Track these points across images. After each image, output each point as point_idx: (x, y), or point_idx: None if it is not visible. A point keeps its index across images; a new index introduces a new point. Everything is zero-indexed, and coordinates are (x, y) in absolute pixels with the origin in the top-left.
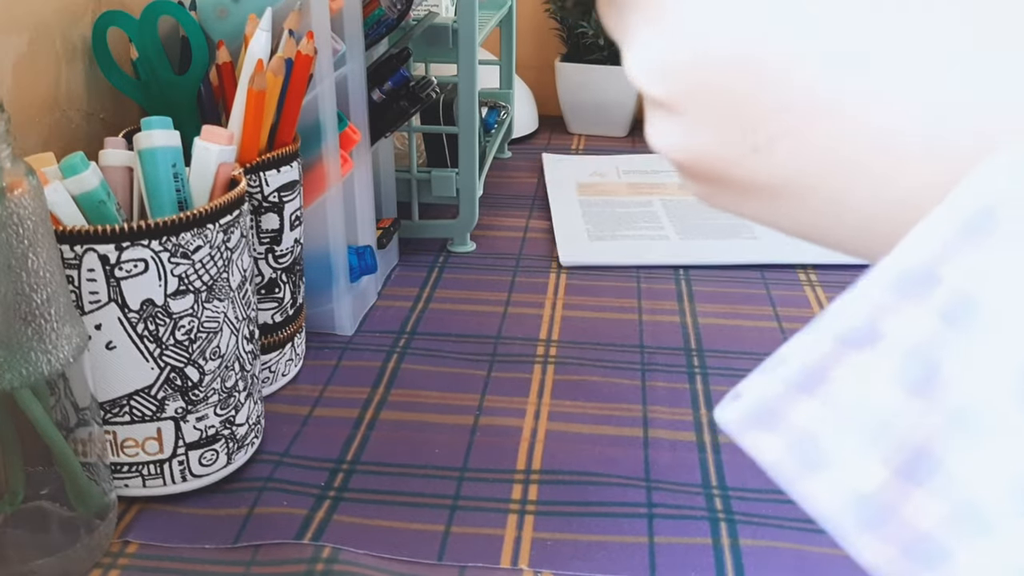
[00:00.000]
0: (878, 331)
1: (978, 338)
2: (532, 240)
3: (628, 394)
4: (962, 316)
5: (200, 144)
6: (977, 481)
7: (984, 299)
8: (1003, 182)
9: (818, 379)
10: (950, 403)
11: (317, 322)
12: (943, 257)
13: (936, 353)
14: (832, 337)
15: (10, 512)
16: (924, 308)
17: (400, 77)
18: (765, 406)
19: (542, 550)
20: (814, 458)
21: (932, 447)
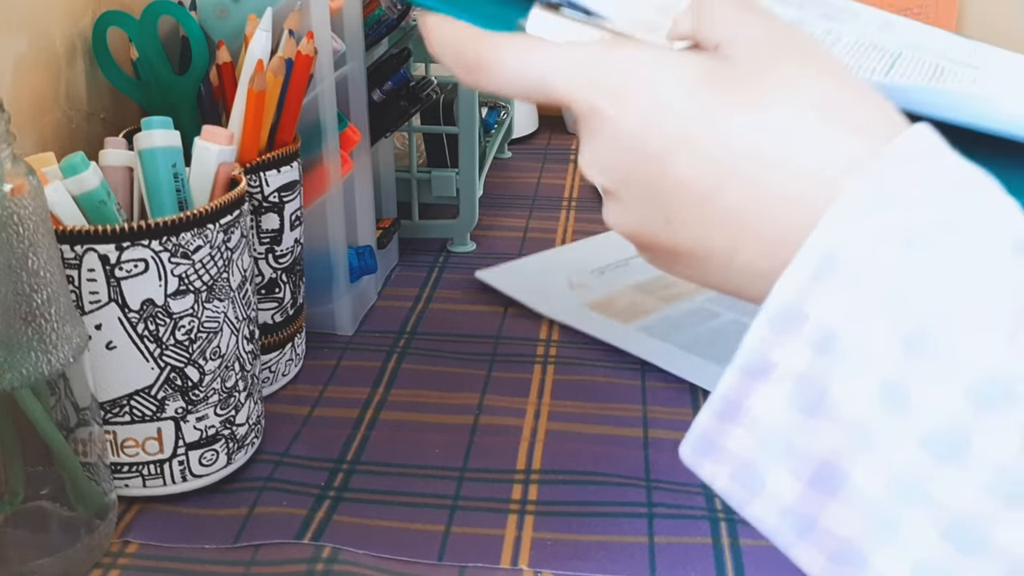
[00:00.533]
0: (770, 362)
1: (843, 362)
2: (532, 240)
3: (628, 394)
4: (828, 345)
5: (200, 144)
6: (874, 487)
7: (840, 329)
8: (839, 229)
9: (737, 408)
10: (842, 419)
11: (317, 322)
12: (805, 296)
13: (819, 377)
14: (739, 370)
15: (10, 512)
16: (799, 341)
17: (400, 77)
18: (706, 438)
19: (542, 550)
20: (752, 482)
21: (837, 460)
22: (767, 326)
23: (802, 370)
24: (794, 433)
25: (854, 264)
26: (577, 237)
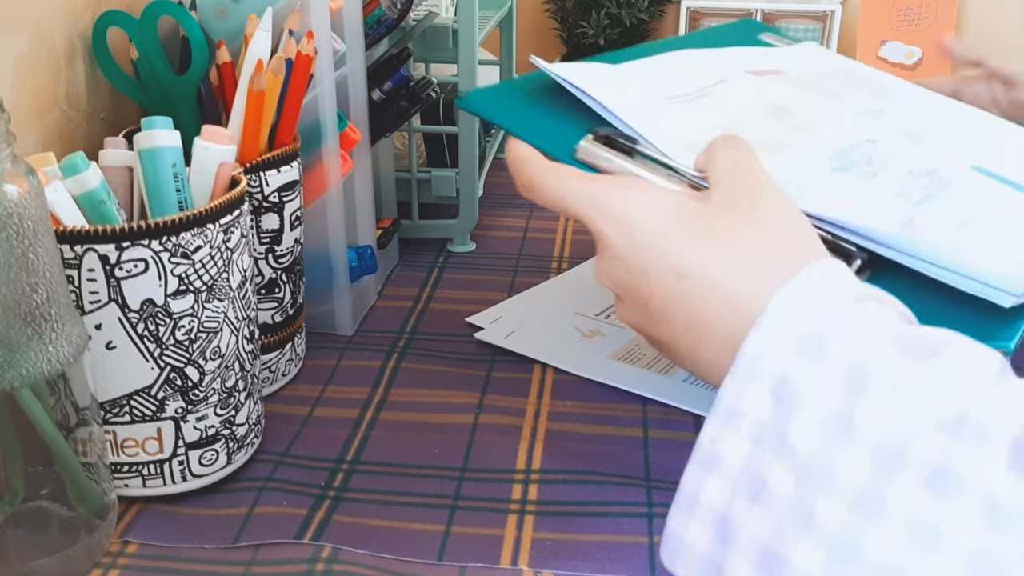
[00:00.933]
0: (719, 456)
1: (775, 450)
2: (532, 240)
3: (628, 394)
4: (761, 435)
5: (200, 144)
6: (813, 565)
7: (766, 420)
8: (756, 340)
9: (694, 503)
10: (775, 507)
11: (317, 322)
12: (741, 396)
13: (757, 468)
14: (696, 464)
15: (10, 512)
16: (738, 439)
17: (400, 77)
18: (677, 537)
19: (542, 550)
20: (715, 573)
21: (775, 546)
22: (716, 424)
23: (743, 461)
24: (740, 521)
25: (771, 365)
26: (577, 237)
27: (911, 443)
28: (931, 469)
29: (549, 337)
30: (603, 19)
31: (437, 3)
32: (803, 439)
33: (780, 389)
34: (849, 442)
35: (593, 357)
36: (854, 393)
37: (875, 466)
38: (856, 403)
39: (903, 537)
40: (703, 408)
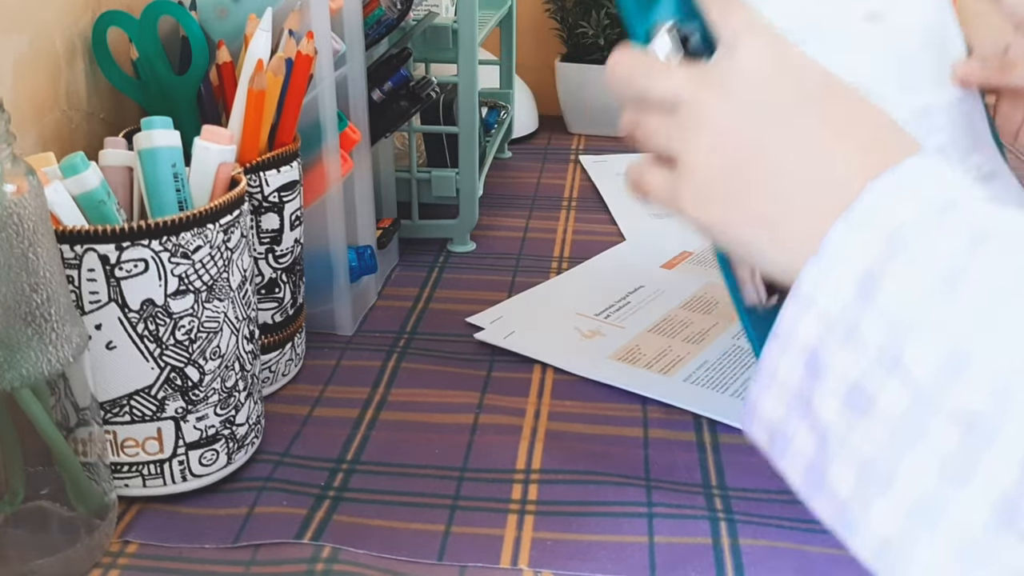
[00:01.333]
0: (815, 298)
1: (866, 315)
2: (532, 240)
3: (627, 394)
4: (864, 298)
5: (200, 144)
6: (898, 405)
7: (879, 273)
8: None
9: (790, 337)
10: (867, 348)
11: (317, 322)
12: (849, 248)
13: (854, 316)
14: (794, 302)
15: (10, 512)
16: (841, 284)
17: (400, 77)
18: (769, 372)
19: (542, 550)
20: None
21: (864, 383)
22: (816, 270)
23: (840, 306)
24: (832, 357)
25: (890, 219)
26: (577, 237)
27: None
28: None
29: (549, 337)
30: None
31: (437, 3)
32: (902, 289)
33: (892, 236)
34: (953, 298)
35: (593, 357)
36: (966, 252)
37: (976, 323)
38: (967, 261)
39: (987, 386)
40: (703, 408)
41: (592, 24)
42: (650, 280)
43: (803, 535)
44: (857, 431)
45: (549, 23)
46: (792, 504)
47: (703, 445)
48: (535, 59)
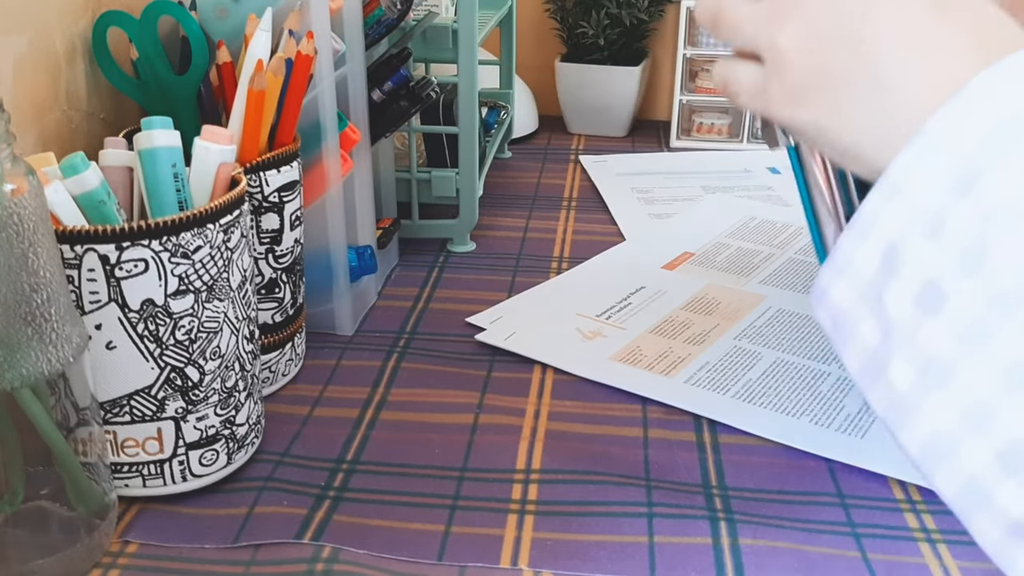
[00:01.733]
0: (901, 187)
1: (957, 209)
2: (532, 240)
3: (627, 394)
4: (966, 185)
5: (200, 144)
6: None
7: (981, 168)
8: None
9: (870, 226)
10: (949, 244)
11: (317, 322)
12: (945, 136)
13: (941, 207)
14: (878, 193)
15: (10, 512)
16: (931, 174)
17: (400, 77)
18: (845, 258)
19: (542, 550)
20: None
21: (940, 281)
22: (910, 156)
23: (926, 199)
24: (911, 252)
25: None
26: (577, 237)
27: None
28: None
29: (550, 338)
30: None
31: (437, 3)
32: (1001, 188)
33: (996, 130)
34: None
35: (594, 358)
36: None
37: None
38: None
39: None
40: (703, 408)
41: (592, 24)
42: (651, 281)
43: (803, 535)
44: (924, 330)
45: (549, 23)
46: (792, 504)
47: (703, 445)
48: (535, 59)
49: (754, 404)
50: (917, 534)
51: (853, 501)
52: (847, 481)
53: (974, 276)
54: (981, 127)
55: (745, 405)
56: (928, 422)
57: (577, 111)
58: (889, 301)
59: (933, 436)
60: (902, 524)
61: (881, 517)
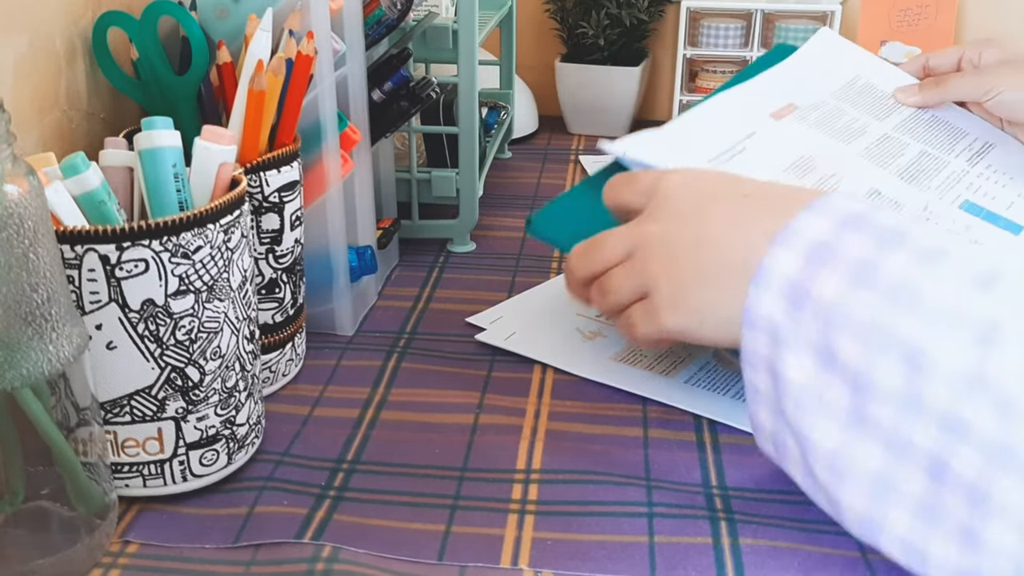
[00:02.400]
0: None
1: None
2: (532, 240)
3: (627, 394)
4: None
5: (200, 144)
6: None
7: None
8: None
9: (780, 409)
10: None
11: (317, 322)
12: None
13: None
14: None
15: (10, 512)
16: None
17: (400, 77)
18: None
19: (542, 550)
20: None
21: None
22: (756, 293)
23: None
24: (782, 365)
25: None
26: None
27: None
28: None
29: (551, 338)
30: (603, 19)
31: (437, 3)
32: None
33: (814, 250)
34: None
35: (594, 358)
36: (875, 249)
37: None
38: (876, 257)
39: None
40: (703, 409)
41: (592, 24)
42: None
43: (803, 535)
44: (817, 430)
45: (549, 23)
46: (792, 504)
47: (703, 445)
48: (535, 59)
49: None
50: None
51: None
52: None
53: (832, 370)
54: (794, 261)
55: (745, 405)
56: (850, 502)
57: (577, 111)
58: (786, 413)
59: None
60: None
61: None
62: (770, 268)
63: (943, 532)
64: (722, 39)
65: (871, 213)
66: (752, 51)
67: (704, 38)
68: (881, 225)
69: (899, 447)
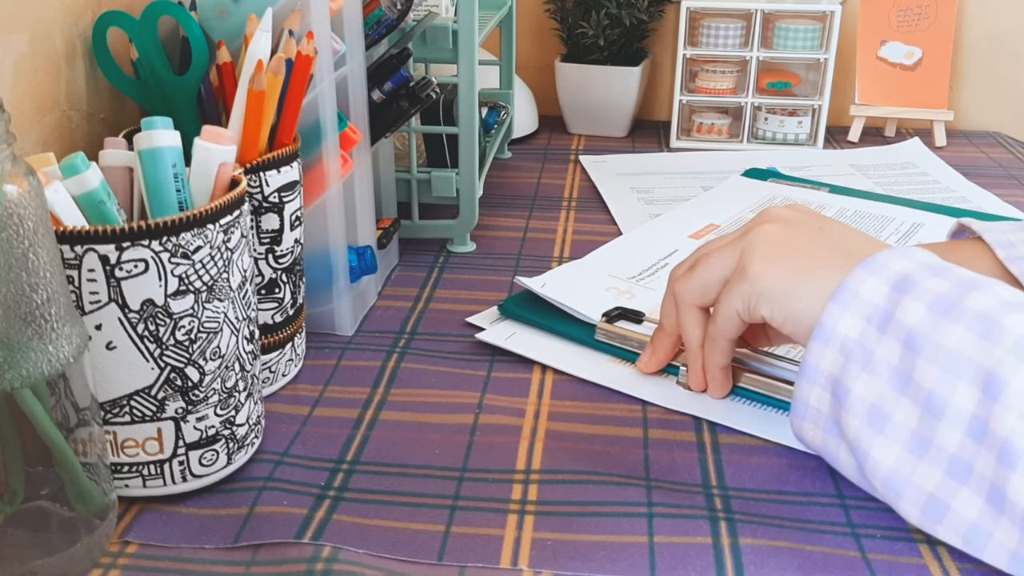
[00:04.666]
0: (835, 329)
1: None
2: (532, 240)
3: (627, 394)
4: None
5: (200, 144)
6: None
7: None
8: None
9: (837, 424)
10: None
11: (317, 322)
12: (863, 287)
13: (869, 343)
14: (817, 341)
15: (10, 512)
16: (855, 318)
17: (400, 77)
18: (802, 402)
19: (542, 550)
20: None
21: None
22: (837, 307)
23: (857, 335)
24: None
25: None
26: (577, 237)
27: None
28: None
29: (550, 338)
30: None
31: (437, 3)
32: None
33: (899, 281)
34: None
35: (594, 360)
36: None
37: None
38: (956, 296)
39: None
40: (702, 410)
41: (592, 24)
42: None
43: (803, 535)
44: (875, 445)
45: (549, 23)
46: (792, 504)
47: (703, 445)
48: (535, 59)
49: (754, 404)
50: (917, 535)
51: (853, 501)
52: (847, 481)
53: (905, 393)
54: (879, 287)
55: (745, 406)
56: (882, 461)
57: (577, 111)
58: (846, 429)
59: (927, 498)
60: (902, 524)
61: (881, 517)
62: (854, 289)
63: (989, 552)
64: (722, 39)
65: (951, 267)
66: (752, 51)
67: (704, 38)
68: (959, 273)
69: (959, 470)
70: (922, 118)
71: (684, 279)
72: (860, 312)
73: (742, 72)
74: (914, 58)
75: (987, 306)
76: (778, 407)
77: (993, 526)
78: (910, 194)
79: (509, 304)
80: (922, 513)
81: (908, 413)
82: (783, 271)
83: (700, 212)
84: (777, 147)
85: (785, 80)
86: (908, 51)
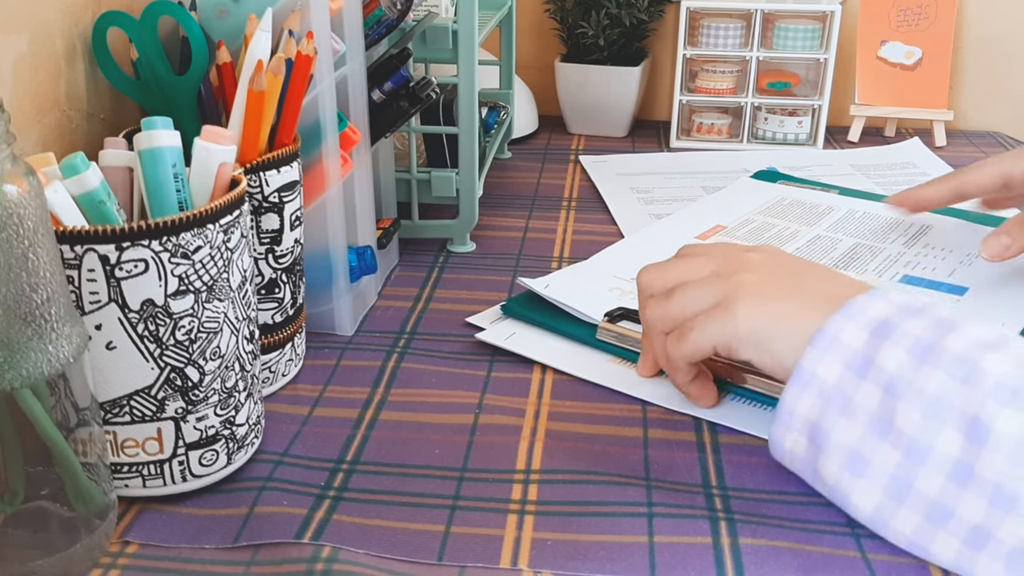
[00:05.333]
0: (815, 374)
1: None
2: (532, 240)
3: (627, 394)
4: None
5: (200, 144)
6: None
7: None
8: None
9: (815, 471)
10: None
11: (317, 322)
12: (843, 332)
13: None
14: (794, 384)
15: (10, 512)
16: (833, 362)
17: (400, 77)
18: (777, 444)
19: (542, 550)
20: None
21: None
22: (817, 352)
23: (836, 380)
24: (831, 427)
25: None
26: (577, 237)
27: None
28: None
29: (550, 338)
30: (603, 19)
31: (437, 3)
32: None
33: (878, 326)
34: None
35: (594, 360)
36: (934, 332)
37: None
38: (934, 338)
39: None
40: (702, 411)
41: (592, 24)
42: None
43: (803, 535)
44: (855, 490)
45: (549, 23)
46: (792, 504)
47: (703, 445)
48: (535, 59)
49: (754, 404)
50: None
51: None
52: None
53: (886, 438)
54: (858, 333)
55: (745, 406)
56: (861, 502)
57: (577, 111)
58: (824, 473)
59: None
60: None
61: None
62: (833, 334)
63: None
64: (722, 39)
65: (928, 306)
66: (752, 51)
67: (704, 38)
68: (936, 314)
69: (939, 515)
70: (922, 118)
71: (658, 307)
72: (839, 357)
73: (742, 72)
74: (914, 58)
75: (964, 348)
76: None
77: (971, 567)
78: None
79: (512, 304)
80: (903, 544)
81: (888, 458)
82: (768, 314)
83: (708, 213)
84: (777, 147)
85: (785, 80)
86: (908, 51)
